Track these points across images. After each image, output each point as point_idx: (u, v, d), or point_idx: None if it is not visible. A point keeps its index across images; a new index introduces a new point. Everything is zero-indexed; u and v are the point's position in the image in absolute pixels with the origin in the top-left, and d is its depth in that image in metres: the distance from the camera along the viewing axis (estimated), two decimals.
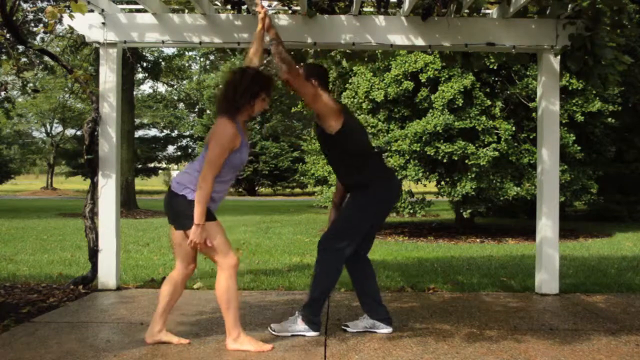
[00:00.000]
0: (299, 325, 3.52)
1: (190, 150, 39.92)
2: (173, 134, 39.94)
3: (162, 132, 39.65)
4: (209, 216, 3.20)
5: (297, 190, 31.86)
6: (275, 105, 30.51)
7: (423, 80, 9.41)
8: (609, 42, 4.51)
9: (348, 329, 3.65)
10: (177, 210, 3.25)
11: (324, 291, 3.57)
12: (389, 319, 3.67)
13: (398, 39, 4.82)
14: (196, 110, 39.92)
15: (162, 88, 38.65)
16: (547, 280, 4.92)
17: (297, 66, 3.54)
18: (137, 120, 34.50)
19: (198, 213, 3.11)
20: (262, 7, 3.69)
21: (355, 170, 3.58)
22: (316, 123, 3.66)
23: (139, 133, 36.68)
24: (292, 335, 3.49)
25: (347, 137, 3.54)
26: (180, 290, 3.42)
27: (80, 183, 39.86)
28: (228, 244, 3.27)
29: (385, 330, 3.63)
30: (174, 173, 47.02)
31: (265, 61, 3.66)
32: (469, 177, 9.24)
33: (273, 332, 3.52)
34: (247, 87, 3.23)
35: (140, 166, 36.21)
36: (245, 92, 3.23)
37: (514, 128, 9.18)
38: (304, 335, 3.49)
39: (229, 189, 3.39)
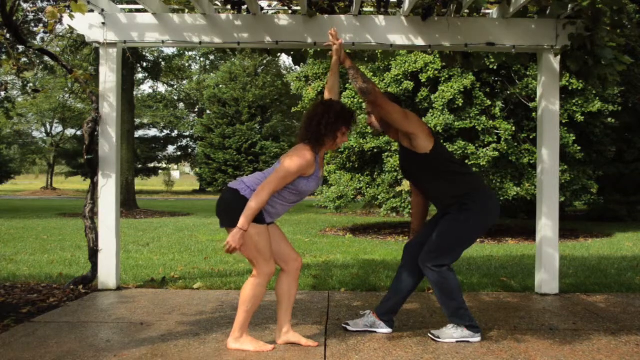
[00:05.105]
0: (464, 332, 3.44)
1: (190, 150, 39.95)
2: (173, 134, 39.96)
3: (162, 132, 39.68)
4: (260, 219, 3.16)
5: None
6: (275, 106, 30.56)
7: (423, 80, 9.41)
8: (609, 42, 4.51)
9: (348, 328, 3.66)
10: (227, 203, 3.20)
11: (458, 299, 3.46)
12: (393, 322, 3.69)
13: (398, 39, 4.82)
14: (196, 110, 39.93)
15: (162, 88, 38.70)
16: (547, 280, 4.92)
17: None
18: (137, 120, 34.53)
19: (245, 217, 3.06)
20: (338, 39, 3.58)
21: (452, 188, 3.47)
22: (402, 146, 3.55)
23: (139, 133, 36.72)
24: (456, 342, 3.42)
25: (442, 154, 3.48)
26: (294, 285, 3.38)
27: (80, 183, 39.91)
28: (271, 251, 3.24)
29: (385, 330, 3.63)
30: (174, 173, 47.05)
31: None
32: None
33: (438, 340, 3.44)
34: (331, 122, 3.22)
35: (140, 166, 36.20)
36: (329, 126, 3.21)
37: (514, 128, 9.18)
38: (468, 341, 3.43)
39: (288, 209, 3.34)
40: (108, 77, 4.86)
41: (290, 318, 3.40)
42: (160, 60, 24.53)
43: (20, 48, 5.10)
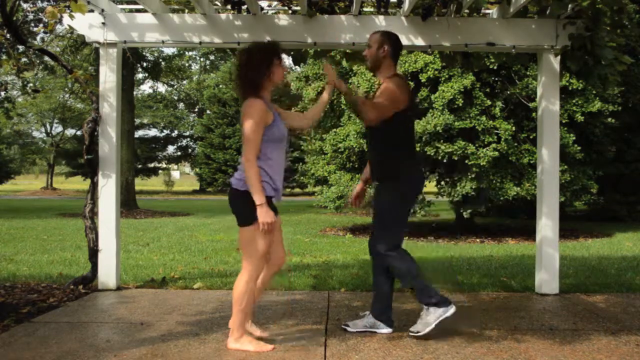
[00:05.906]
0: (436, 312, 3.45)
1: (190, 150, 39.95)
2: (173, 134, 39.97)
3: (162, 132, 39.69)
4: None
5: (297, 190, 31.86)
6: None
7: (423, 80, 9.41)
8: (609, 42, 4.51)
9: (348, 329, 3.66)
10: (230, 202, 3.23)
11: (416, 277, 3.51)
12: (392, 321, 3.69)
13: None
14: (196, 110, 39.95)
15: (162, 88, 38.72)
16: (547, 280, 4.92)
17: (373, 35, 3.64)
18: (137, 120, 34.53)
19: (256, 193, 3.08)
20: (331, 69, 3.55)
21: (389, 159, 3.57)
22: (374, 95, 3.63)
23: (139, 133, 36.71)
24: (435, 325, 3.42)
25: (404, 121, 3.57)
26: (267, 280, 3.43)
27: (80, 183, 39.88)
28: (267, 252, 3.24)
29: (385, 330, 3.63)
30: (174, 173, 47.01)
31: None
32: (469, 177, 9.23)
33: (418, 334, 3.45)
34: (257, 62, 3.22)
35: (140, 166, 36.20)
36: (258, 66, 3.21)
37: (514, 128, 9.18)
38: (447, 318, 3.44)
39: (283, 172, 3.31)
40: (108, 77, 4.86)
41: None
42: (160, 60, 24.56)
43: (20, 48, 5.11)
